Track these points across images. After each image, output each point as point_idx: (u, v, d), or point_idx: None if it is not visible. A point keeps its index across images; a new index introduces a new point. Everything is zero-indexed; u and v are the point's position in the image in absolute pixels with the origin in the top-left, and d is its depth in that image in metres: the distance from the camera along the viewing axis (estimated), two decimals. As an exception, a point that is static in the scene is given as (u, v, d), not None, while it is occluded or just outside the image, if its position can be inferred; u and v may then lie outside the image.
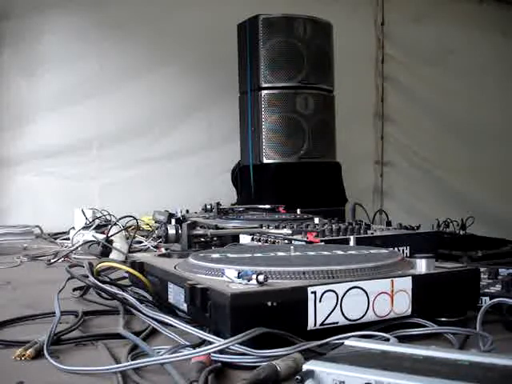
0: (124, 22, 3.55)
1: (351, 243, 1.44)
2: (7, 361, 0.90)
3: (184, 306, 1.03)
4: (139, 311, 1.08)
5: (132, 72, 3.64)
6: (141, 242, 2.25)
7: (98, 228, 2.38)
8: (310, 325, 0.91)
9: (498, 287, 1.17)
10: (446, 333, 0.97)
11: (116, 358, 0.90)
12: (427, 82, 4.53)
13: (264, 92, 3.24)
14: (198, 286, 0.93)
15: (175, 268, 1.14)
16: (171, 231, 1.63)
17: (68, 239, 2.43)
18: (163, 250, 1.58)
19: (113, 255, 1.93)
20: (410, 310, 1.00)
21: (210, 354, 0.81)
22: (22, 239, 2.49)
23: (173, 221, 2.32)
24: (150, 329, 1.03)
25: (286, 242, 1.53)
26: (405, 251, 1.57)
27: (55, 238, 2.63)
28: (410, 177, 4.58)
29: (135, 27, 3.59)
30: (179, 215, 2.47)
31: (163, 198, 3.28)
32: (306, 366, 0.67)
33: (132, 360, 0.87)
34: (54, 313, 1.06)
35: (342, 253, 1.20)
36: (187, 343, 0.92)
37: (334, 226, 1.61)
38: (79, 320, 1.10)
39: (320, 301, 0.92)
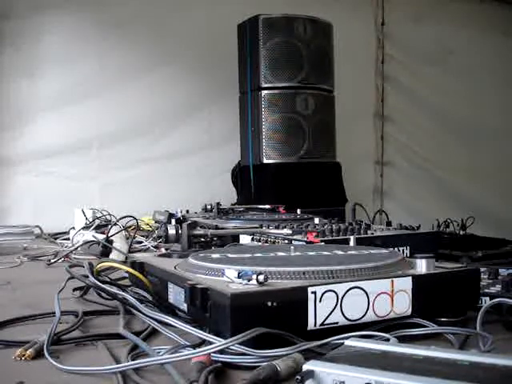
0: (124, 22, 3.56)
1: (351, 243, 1.43)
2: (7, 361, 0.90)
3: (184, 306, 1.03)
4: (139, 311, 1.08)
5: (132, 72, 3.64)
6: (141, 242, 2.25)
7: (98, 228, 2.38)
8: (310, 325, 0.91)
9: (498, 287, 1.17)
10: (446, 333, 0.97)
11: (116, 358, 0.90)
12: (427, 82, 4.54)
13: (264, 92, 3.24)
14: (198, 286, 0.93)
15: (175, 268, 1.14)
16: (171, 231, 1.63)
17: (68, 239, 2.43)
18: (163, 250, 1.58)
19: (113, 255, 1.93)
20: (410, 310, 1.00)
21: (210, 354, 0.81)
22: (22, 239, 2.49)
23: (173, 221, 2.31)
24: (150, 329, 1.03)
25: (286, 242, 1.53)
26: (405, 251, 1.57)
27: (55, 238, 2.63)
28: (410, 177, 4.58)
29: (135, 27, 3.60)
30: (179, 215, 2.47)
31: (163, 198, 3.28)
32: (306, 366, 0.67)
33: (132, 360, 0.87)
34: (54, 313, 1.06)
35: (342, 253, 1.20)
36: (187, 343, 0.92)
37: (334, 226, 1.61)
38: (79, 320, 1.10)
39: (320, 301, 0.92)
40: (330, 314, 0.92)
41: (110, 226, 2.08)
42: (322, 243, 1.45)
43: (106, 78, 3.56)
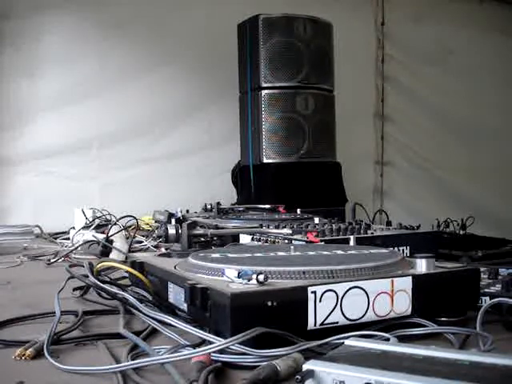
0: (124, 21, 3.55)
1: (351, 243, 1.44)
2: (7, 361, 0.90)
3: (184, 306, 1.03)
4: (139, 311, 1.08)
5: (132, 72, 3.64)
6: (141, 242, 2.25)
7: (98, 228, 2.38)
8: (310, 325, 0.91)
9: (498, 287, 1.17)
10: (446, 333, 0.97)
11: (116, 358, 0.90)
12: (427, 82, 4.53)
13: (264, 92, 3.24)
14: (198, 286, 0.93)
15: (175, 268, 1.14)
16: (171, 231, 1.63)
17: (68, 239, 2.43)
18: (163, 250, 1.58)
19: (113, 255, 1.93)
20: (410, 310, 1.00)
21: (210, 353, 0.82)
22: (22, 239, 2.49)
23: (173, 221, 2.32)
24: (150, 329, 1.03)
25: (286, 241, 1.53)
26: (405, 251, 1.57)
27: (55, 238, 2.63)
28: (410, 177, 4.58)
29: (135, 27, 3.59)
30: (179, 215, 2.47)
31: (163, 198, 3.28)
32: (306, 366, 0.67)
33: (132, 360, 0.87)
34: (54, 313, 1.06)
35: (342, 253, 1.20)
36: (187, 343, 0.92)
37: (334, 225, 1.61)
38: (79, 320, 1.10)
39: (320, 301, 0.92)
40: (330, 313, 0.92)
41: (110, 226, 2.08)
42: (322, 243, 1.45)
43: (105, 78, 3.56)
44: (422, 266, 1.05)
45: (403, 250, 1.57)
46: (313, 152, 3.30)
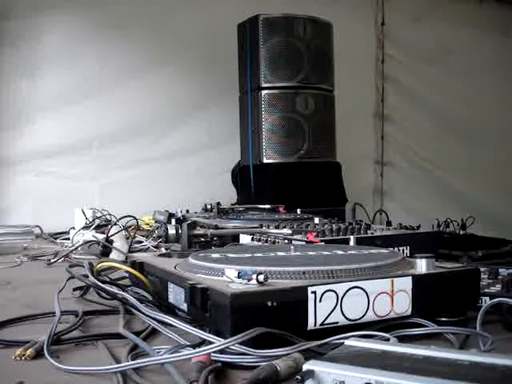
0: (124, 22, 3.56)
1: (351, 243, 1.44)
2: (7, 361, 0.90)
3: (184, 306, 1.03)
4: (139, 311, 1.08)
5: (132, 72, 3.64)
6: (141, 242, 2.25)
7: (98, 228, 2.38)
8: (310, 325, 0.91)
9: (498, 287, 1.17)
10: (446, 333, 0.97)
11: (116, 358, 0.90)
12: (427, 82, 4.53)
13: (264, 92, 3.24)
14: (198, 286, 0.93)
15: (175, 268, 1.14)
16: (171, 231, 1.63)
17: (68, 239, 2.43)
18: (163, 250, 1.58)
19: (113, 255, 1.93)
20: (410, 310, 1.00)
21: (210, 353, 0.81)
22: (22, 239, 2.49)
23: (173, 221, 2.32)
24: (150, 329, 1.03)
25: (286, 241, 1.53)
26: (405, 251, 1.57)
27: (55, 238, 2.63)
28: (410, 177, 4.58)
29: (135, 27, 3.60)
30: (179, 215, 2.47)
31: (163, 198, 3.28)
32: (306, 366, 0.67)
33: (132, 360, 0.87)
34: (54, 313, 1.06)
35: (342, 253, 1.20)
36: (187, 343, 0.92)
37: (334, 225, 1.61)
38: (79, 320, 1.10)
39: (320, 301, 0.92)
40: (330, 313, 0.92)
41: (110, 226, 2.08)
42: (322, 243, 1.45)
43: (105, 78, 3.56)
44: (422, 266, 1.05)
45: (403, 250, 1.57)
46: (313, 152, 3.30)
